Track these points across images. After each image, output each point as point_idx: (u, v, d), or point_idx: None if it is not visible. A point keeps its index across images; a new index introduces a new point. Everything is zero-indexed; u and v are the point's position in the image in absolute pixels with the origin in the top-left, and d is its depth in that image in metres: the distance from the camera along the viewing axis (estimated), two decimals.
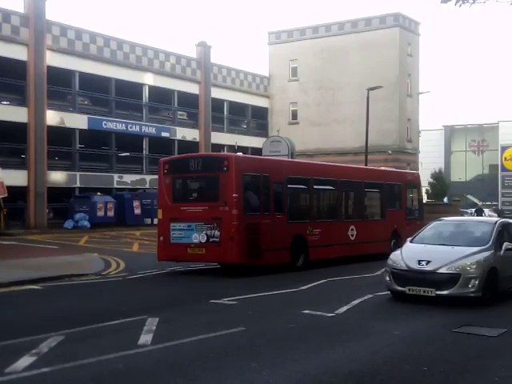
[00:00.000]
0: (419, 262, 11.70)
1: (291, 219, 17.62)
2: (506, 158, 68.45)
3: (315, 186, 19.05)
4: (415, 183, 24.77)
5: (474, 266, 11.44)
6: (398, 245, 18.41)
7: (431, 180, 58.00)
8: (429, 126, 66.44)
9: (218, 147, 43.77)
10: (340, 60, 45.07)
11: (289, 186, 17.88)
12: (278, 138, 29.63)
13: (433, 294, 11.28)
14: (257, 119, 48.18)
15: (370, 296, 12.38)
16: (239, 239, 15.63)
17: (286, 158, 23.75)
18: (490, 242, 12.10)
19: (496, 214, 46.58)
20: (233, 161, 16.28)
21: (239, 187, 16.01)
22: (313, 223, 18.51)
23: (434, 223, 13.73)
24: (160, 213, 17.25)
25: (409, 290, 11.52)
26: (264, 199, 16.96)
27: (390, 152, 42.94)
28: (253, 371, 7.02)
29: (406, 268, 11.75)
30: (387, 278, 12.03)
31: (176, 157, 20.01)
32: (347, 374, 7.00)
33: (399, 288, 11.73)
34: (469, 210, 53.42)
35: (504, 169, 67.61)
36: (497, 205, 63.88)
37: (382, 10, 77.98)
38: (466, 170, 73.32)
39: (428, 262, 11.59)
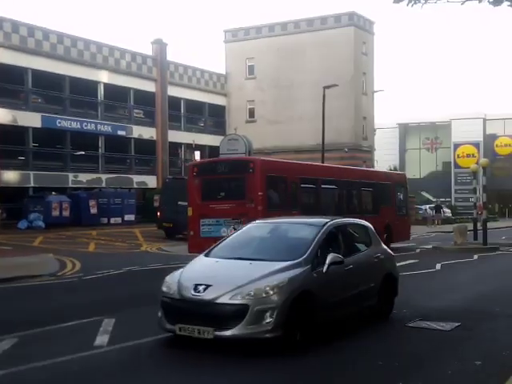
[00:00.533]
0: (196, 286, 7.93)
1: (304, 215, 17.94)
2: (458, 155, 69.82)
3: (322, 186, 21.11)
4: (403, 183, 27.14)
5: (272, 292, 7.69)
6: (390, 238, 21.89)
7: None
8: (384, 123, 67.24)
9: (176, 146, 43.56)
10: (296, 58, 45.33)
11: (301, 185, 19.94)
12: (236, 136, 29.57)
13: (210, 336, 7.55)
14: (214, 117, 48.10)
15: None
16: None
17: (296, 162, 24.46)
18: (306, 255, 8.41)
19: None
20: (258, 164, 18.39)
21: (263, 187, 18.01)
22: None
23: (247, 226, 10.16)
24: (190, 210, 18.83)
25: (180, 329, 7.81)
26: (282, 197, 18.99)
27: (346, 150, 43.40)
28: (205, 373, 7.02)
29: (178, 296, 8.05)
30: (159, 313, 8.30)
31: (204, 161, 22.12)
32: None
33: (169, 326, 8.04)
34: (423, 207, 54.34)
35: (457, 166, 68.94)
36: (450, 201, 65.12)
37: (337, 9, 78.75)
38: (420, 167, 74.50)
39: (207, 287, 7.83)
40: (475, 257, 21.63)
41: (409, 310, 10.71)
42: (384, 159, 61.58)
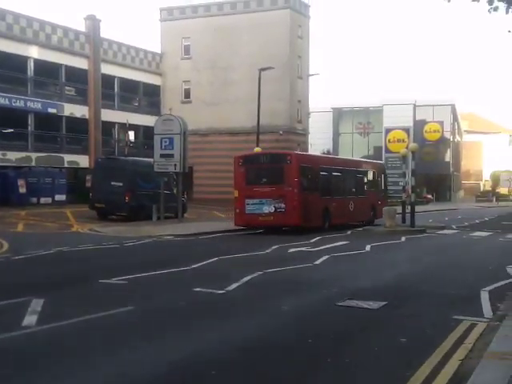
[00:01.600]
0: None
1: (322, 196, 24.86)
2: (389, 140, 71.44)
3: (333, 173, 26.59)
4: (383, 170, 32.44)
5: None
6: (375, 215, 28.57)
7: None
8: (318, 107, 67.95)
9: (109, 125, 42.73)
10: (233, 39, 45.13)
11: (320, 173, 25.40)
12: (171, 117, 29.30)
13: None
14: (149, 97, 47.41)
15: (260, 273, 12.62)
16: (299, 209, 22.88)
17: (316, 154, 34.74)
18: None
19: None
20: (294, 156, 24.41)
21: (298, 174, 23.32)
22: (332, 199, 25.61)
23: None
24: (236, 192, 23.80)
25: None
26: (309, 182, 24.38)
27: (281, 132, 43.68)
28: (135, 349, 7.01)
29: None
30: None
31: (248, 154, 25.74)
32: (234, 349, 7.15)
33: None
34: None
35: (388, 150, 70.54)
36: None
37: None
38: (352, 151, 75.81)
39: None
40: (403, 239, 22.30)
41: (339, 290, 10.96)
42: (318, 143, 62.36)
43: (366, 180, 29.91)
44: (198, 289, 10.71)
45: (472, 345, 7.24)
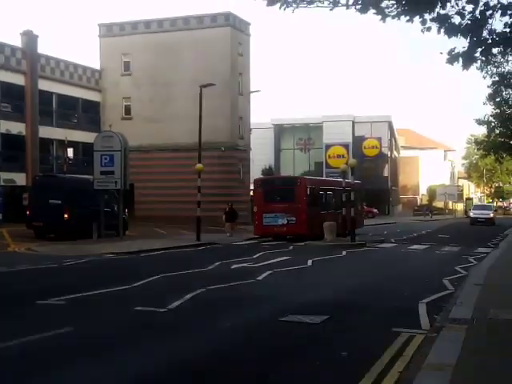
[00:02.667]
0: None
1: (321, 210, 29.77)
2: (329, 156, 72.48)
3: (327, 192, 32.50)
4: (361, 189, 36.95)
5: None
6: (354, 226, 29.47)
7: (262, 176, 60.05)
8: (259, 124, 68.45)
9: (47, 142, 41.86)
10: (173, 56, 45.04)
11: (319, 192, 31.23)
12: (110, 133, 28.97)
13: None
14: (88, 113, 46.67)
15: (203, 290, 12.57)
16: (306, 221, 28.33)
17: (317, 178, 40.30)
18: None
19: None
20: (303, 180, 30.82)
21: (306, 194, 29.14)
22: (327, 213, 29.94)
23: None
24: (255, 208, 29.89)
25: None
26: (312, 199, 29.64)
27: (223, 149, 43.72)
28: (72, 371, 6.88)
29: None
30: None
31: (265, 177, 32.57)
32: (176, 368, 7.10)
33: None
34: None
35: (328, 166, 71.48)
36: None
37: (213, 9, 78.91)
38: (294, 167, 76.56)
39: None
40: (344, 253, 22.63)
41: (281, 305, 11.04)
42: (260, 159, 62.71)
43: (348, 197, 32.47)
44: (139, 308, 10.58)
45: (410, 357, 7.41)
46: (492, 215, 52.28)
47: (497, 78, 32.55)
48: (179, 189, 41.75)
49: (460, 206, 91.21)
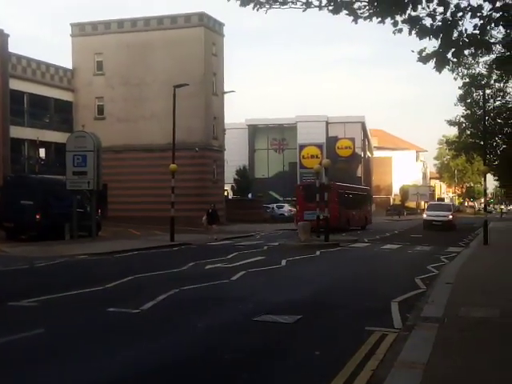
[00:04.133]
0: None
1: (346, 209, 38.66)
2: (303, 156, 72.82)
3: (350, 195, 42.16)
4: (369, 192, 49.02)
5: None
6: (367, 222, 43.76)
7: (236, 177, 60.08)
8: (234, 124, 68.46)
9: (18, 142, 41.33)
10: (146, 56, 44.80)
11: (344, 194, 40.08)
12: (83, 134, 28.74)
13: None
14: (61, 113, 46.17)
15: (176, 291, 12.53)
16: (338, 217, 35.65)
17: (341, 183, 43.39)
18: None
19: (294, 209, 49.50)
20: (335, 185, 36.51)
21: (337, 196, 36.24)
22: (350, 211, 39.88)
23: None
24: (298, 207, 38.40)
25: None
26: (341, 200, 37.57)
27: (197, 149, 43.62)
28: (45, 372, 6.81)
29: None
30: None
31: (306, 183, 34.19)
32: (150, 369, 7.06)
33: None
34: (270, 205, 56.07)
35: (302, 166, 71.83)
36: (296, 200, 67.67)
37: (187, 9, 78.58)
38: (268, 167, 76.76)
39: None
40: (317, 253, 22.74)
41: (255, 305, 11.06)
42: (234, 159, 62.68)
43: (363, 198, 44.79)
44: (111, 309, 10.51)
45: (383, 355, 7.48)
46: (451, 217, 42.09)
47: (467, 80, 33.01)
48: (153, 189, 41.55)
49: None
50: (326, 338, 8.70)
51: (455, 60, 8.50)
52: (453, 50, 8.13)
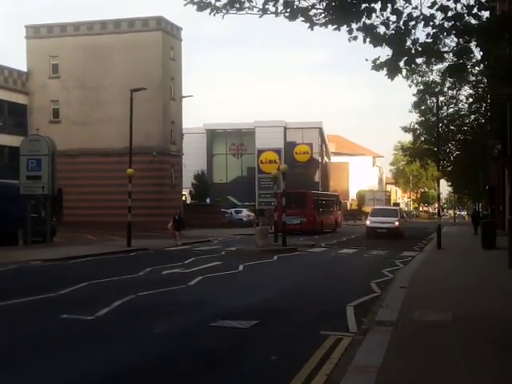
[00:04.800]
0: None
1: (319, 214, 42.10)
2: (261, 161, 73.01)
3: (323, 201, 46.34)
4: (338, 197, 53.98)
5: None
6: (337, 226, 47.84)
7: (194, 181, 59.86)
8: (192, 129, 68.21)
9: None
10: (103, 59, 44.35)
11: (318, 201, 44.10)
12: (37, 137, 28.26)
13: None
14: (14, 117, 45.31)
15: (132, 296, 12.41)
16: (314, 221, 40.33)
17: (315, 191, 54.62)
18: None
19: (253, 214, 49.61)
20: (310, 194, 43.98)
21: (312, 203, 41.31)
22: (323, 216, 43.74)
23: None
24: (277, 212, 34.49)
25: None
26: (315, 206, 41.72)
27: (154, 154, 43.35)
28: None
29: None
30: None
31: (284, 191, 31.93)
32: (105, 376, 6.98)
33: None
34: (228, 210, 56.02)
35: (260, 171, 72.02)
36: (254, 205, 67.78)
37: (145, 13, 78.08)
38: (227, 172, 76.71)
39: None
40: (275, 258, 22.81)
41: (212, 311, 11.03)
42: (192, 163, 62.45)
43: (333, 204, 49.39)
44: (65, 316, 10.34)
45: (338, 359, 7.54)
46: (397, 224, 37.59)
47: (422, 87, 33.65)
48: (110, 194, 41.10)
49: None
50: (281, 342, 8.73)
51: (407, 68, 8.65)
52: (405, 58, 8.28)
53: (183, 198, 53.56)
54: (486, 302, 11.41)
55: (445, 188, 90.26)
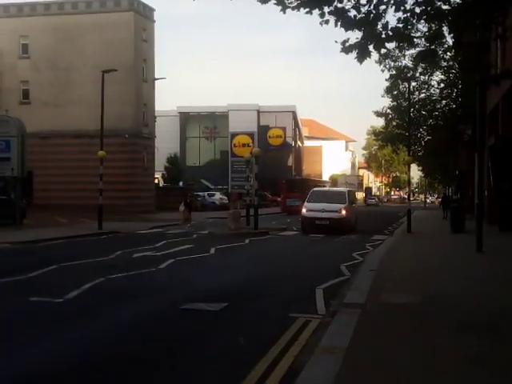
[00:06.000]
0: None
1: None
2: (234, 145, 72.50)
3: (318, 187, 43.72)
4: (329, 183, 63.38)
5: None
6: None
7: (167, 164, 59.60)
8: (165, 111, 67.78)
9: None
10: (75, 40, 43.74)
11: (315, 187, 39.94)
12: (6, 118, 27.78)
13: None
14: None
15: (102, 279, 12.36)
16: None
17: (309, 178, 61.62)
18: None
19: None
20: (309, 179, 58.92)
21: (310, 187, 37.98)
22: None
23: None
24: (282, 196, 50.76)
25: None
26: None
27: (126, 136, 43.02)
28: None
29: None
30: None
31: (288, 178, 41.86)
32: (71, 361, 6.95)
33: None
34: (201, 193, 55.90)
35: (233, 155, 71.36)
36: (227, 188, 67.72)
37: None
38: (199, 155, 76.49)
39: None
40: (247, 241, 22.86)
41: (182, 293, 11.04)
42: (165, 146, 62.16)
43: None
44: (34, 298, 10.26)
45: (305, 341, 7.62)
46: (344, 213, 27.08)
47: (394, 72, 33.85)
48: (81, 176, 40.74)
49: (360, 195, 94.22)
50: (250, 324, 8.78)
51: (377, 52, 8.70)
52: (374, 42, 8.31)
53: (156, 181, 53.29)
54: (452, 284, 11.59)
55: (416, 173, 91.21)
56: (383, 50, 8.88)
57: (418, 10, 8.90)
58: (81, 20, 43.88)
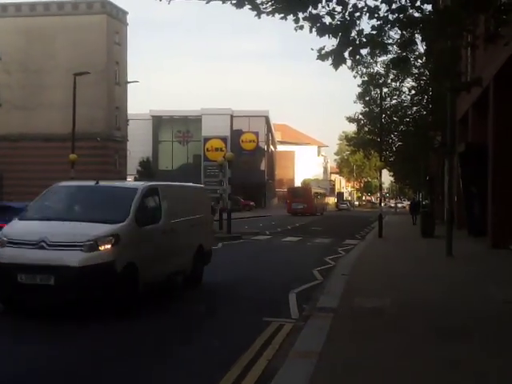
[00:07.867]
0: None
1: (315, 202, 64.19)
2: (208, 149, 72.71)
3: (317, 194, 68.32)
4: (325, 192, 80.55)
5: None
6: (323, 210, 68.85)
7: (140, 168, 59.21)
8: (137, 115, 67.34)
9: None
10: (46, 42, 43.32)
11: (315, 193, 65.77)
12: None
13: None
14: None
15: None
16: (312, 207, 61.62)
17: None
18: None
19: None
20: (311, 188, 68.64)
21: (311, 194, 63.71)
22: (317, 203, 65.66)
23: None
24: (288, 201, 63.78)
25: None
26: (313, 197, 64.25)
27: (98, 139, 42.71)
28: None
29: None
30: None
31: (293, 187, 59.68)
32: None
33: None
34: None
35: (206, 159, 71.71)
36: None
37: None
38: (172, 159, 76.12)
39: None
40: (219, 245, 22.75)
41: None
42: (137, 150, 61.70)
43: (322, 195, 71.89)
44: None
45: (279, 345, 7.64)
46: (107, 251, 9.28)
47: (366, 78, 34.14)
48: (52, 180, 39.91)
49: (332, 200, 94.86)
50: (225, 328, 8.79)
51: (352, 58, 8.78)
52: (350, 48, 8.39)
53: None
54: (423, 288, 11.73)
55: (387, 178, 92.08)
56: (358, 57, 8.96)
57: (391, 17, 9.00)
58: (53, 22, 43.48)
